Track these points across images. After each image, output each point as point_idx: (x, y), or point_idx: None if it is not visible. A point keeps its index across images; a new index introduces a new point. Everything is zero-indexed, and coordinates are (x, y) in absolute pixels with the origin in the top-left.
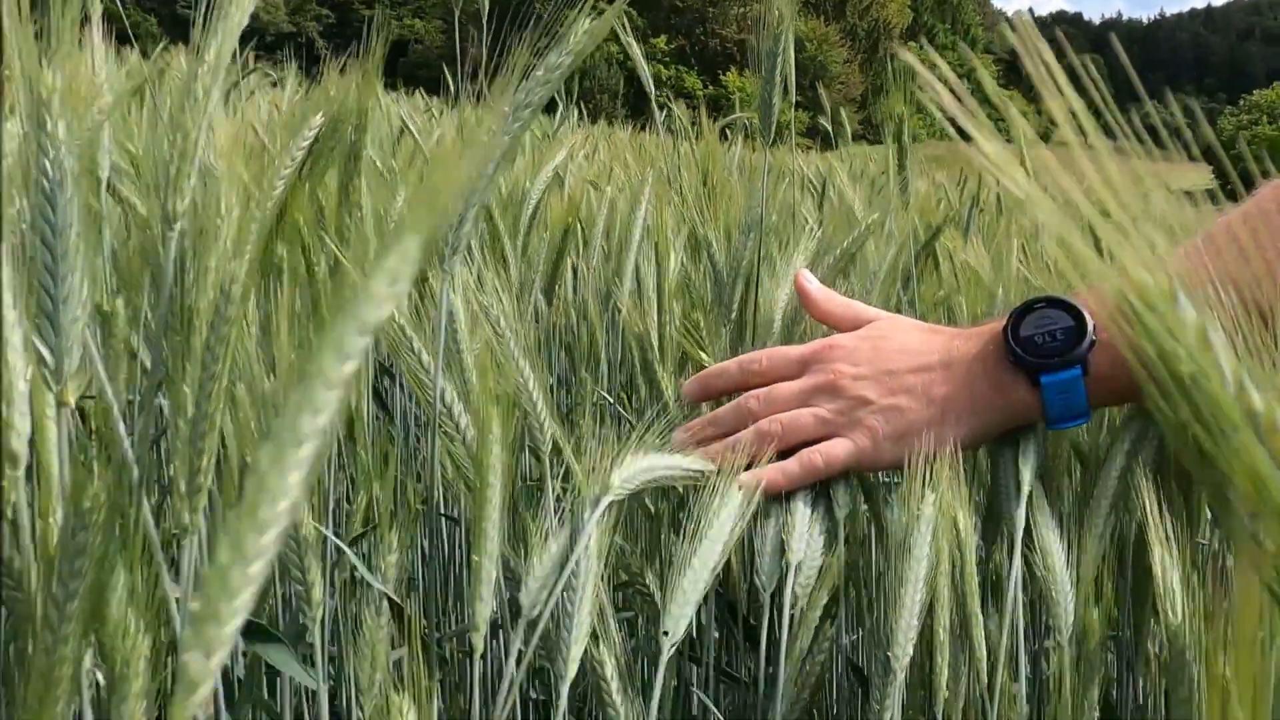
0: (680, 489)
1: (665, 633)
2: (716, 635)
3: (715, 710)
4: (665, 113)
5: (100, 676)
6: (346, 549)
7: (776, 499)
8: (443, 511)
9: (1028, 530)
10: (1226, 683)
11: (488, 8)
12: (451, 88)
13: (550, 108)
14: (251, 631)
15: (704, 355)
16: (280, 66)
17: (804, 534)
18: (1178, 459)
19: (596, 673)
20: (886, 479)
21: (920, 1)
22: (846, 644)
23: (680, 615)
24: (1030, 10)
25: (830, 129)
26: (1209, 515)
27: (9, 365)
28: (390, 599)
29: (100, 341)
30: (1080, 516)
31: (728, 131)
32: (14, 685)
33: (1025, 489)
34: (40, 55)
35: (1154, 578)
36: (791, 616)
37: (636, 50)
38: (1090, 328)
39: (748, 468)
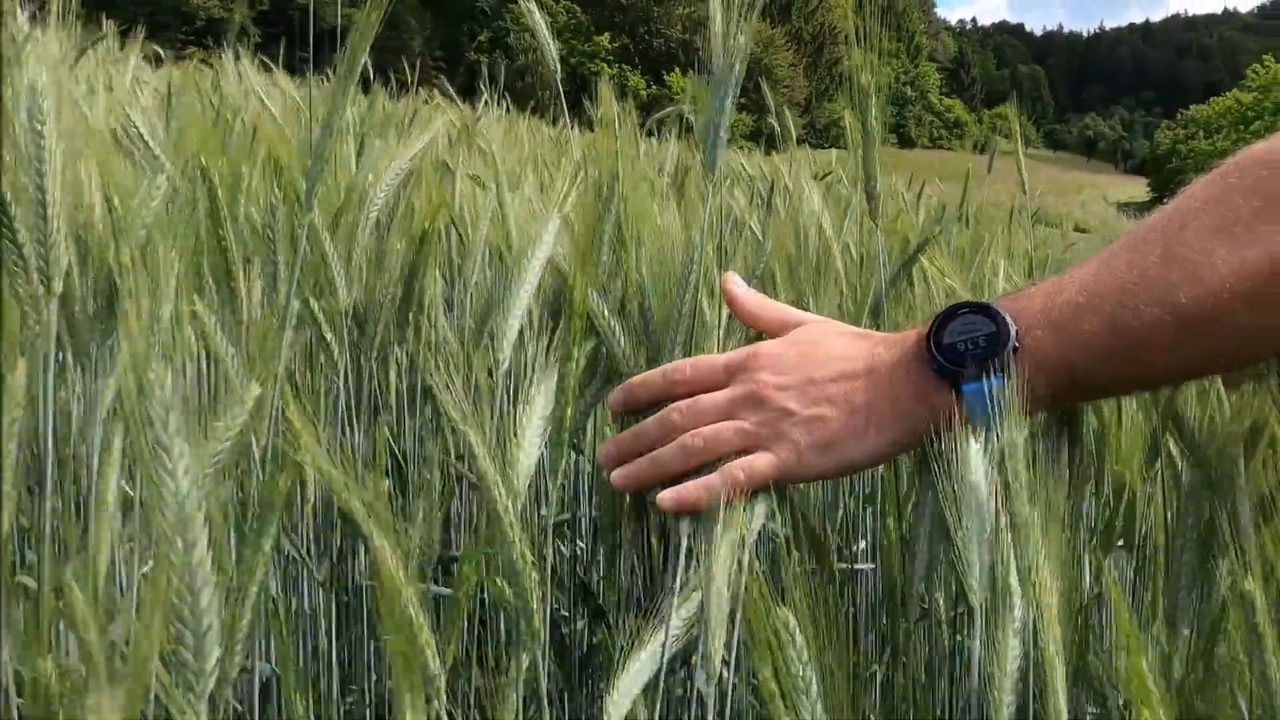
0: None
1: None
2: None
3: None
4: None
5: None
6: None
7: None
8: None
9: None
10: None
11: None
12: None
13: (472, 94)
14: None
15: None
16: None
17: None
18: None
19: None
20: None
21: (864, 8)
22: None
23: None
24: (973, 20)
25: (777, 130)
26: None
27: None
28: None
29: None
30: None
31: (661, 128)
32: None
33: None
34: None
35: None
36: None
37: (539, 17)
38: (1012, 334)
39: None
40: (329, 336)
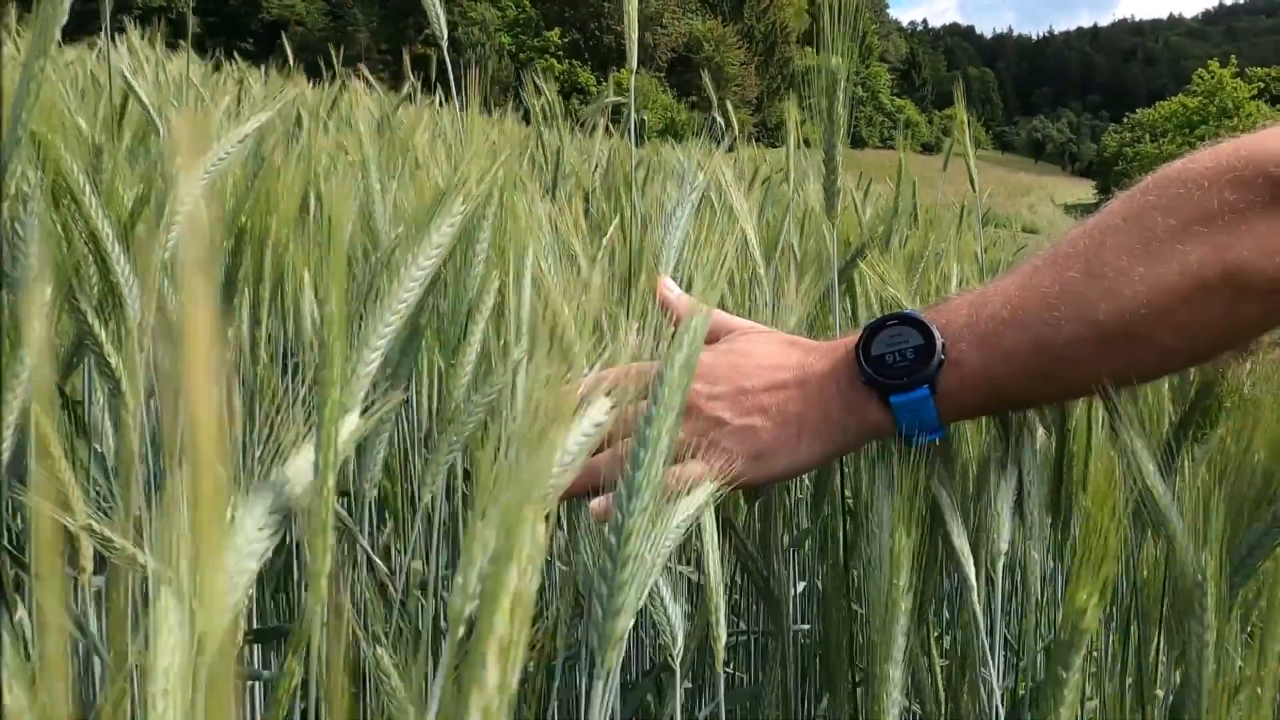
0: None
1: None
2: None
3: None
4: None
5: None
6: None
7: None
8: None
9: None
10: None
11: None
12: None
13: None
14: None
15: None
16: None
17: None
18: None
19: None
20: None
21: (817, 6)
22: None
23: None
24: (924, 21)
25: (723, 128)
26: None
27: None
28: None
29: None
30: None
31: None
32: None
33: None
34: None
35: None
36: None
37: None
38: (939, 346)
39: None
40: (114, 361)
